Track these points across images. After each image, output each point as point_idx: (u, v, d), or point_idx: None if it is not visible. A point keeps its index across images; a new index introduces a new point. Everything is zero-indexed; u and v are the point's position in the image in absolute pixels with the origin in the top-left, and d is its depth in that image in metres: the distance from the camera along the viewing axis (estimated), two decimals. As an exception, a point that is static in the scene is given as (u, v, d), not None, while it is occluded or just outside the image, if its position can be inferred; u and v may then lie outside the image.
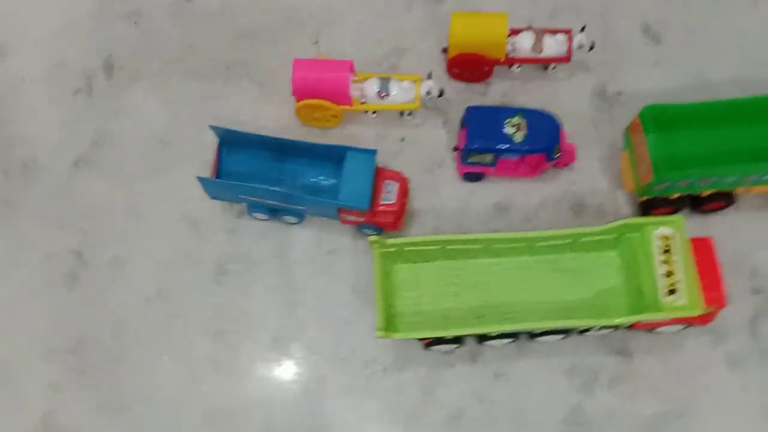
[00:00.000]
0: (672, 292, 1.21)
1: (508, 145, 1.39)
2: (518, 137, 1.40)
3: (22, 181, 1.54)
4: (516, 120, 1.41)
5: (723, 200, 1.44)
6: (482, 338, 1.35)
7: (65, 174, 1.54)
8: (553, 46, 1.52)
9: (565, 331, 1.35)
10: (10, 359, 1.42)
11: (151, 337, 1.42)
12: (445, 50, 1.56)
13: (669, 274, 1.22)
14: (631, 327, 1.36)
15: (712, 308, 1.28)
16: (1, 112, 1.61)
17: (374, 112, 1.53)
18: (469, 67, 1.55)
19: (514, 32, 1.53)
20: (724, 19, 1.66)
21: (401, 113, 1.55)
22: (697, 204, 1.45)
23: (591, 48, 1.52)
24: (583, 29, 1.52)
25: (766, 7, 1.67)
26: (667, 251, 1.24)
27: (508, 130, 1.40)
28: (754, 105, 1.39)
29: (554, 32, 1.54)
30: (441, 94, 1.48)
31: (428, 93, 1.46)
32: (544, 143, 1.40)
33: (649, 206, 1.43)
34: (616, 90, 1.60)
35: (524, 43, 1.52)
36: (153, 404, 1.37)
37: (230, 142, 1.41)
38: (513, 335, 1.35)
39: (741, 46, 1.63)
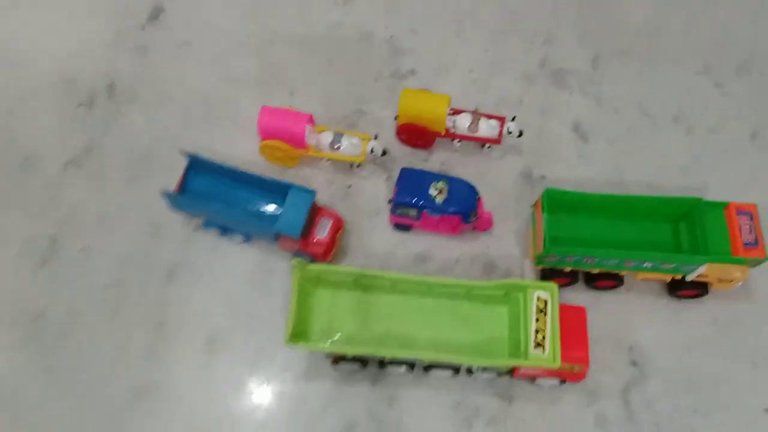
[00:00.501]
0: (538, 345, 1.41)
1: (429, 204, 1.61)
2: (439, 199, 1.62)
3: (19, 173, 1.76)
4: (440, 185, 1.63)
5: (612, 280, 1.63)
6: (382, 364, 1.54)
7: (56, 172, 1.76)
8: (486, 128, 1.75)
9: (455, 369, 1.53)
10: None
11: (100, 319, 1.59)
12: (396, 118, 1.80)
13: (539, 330, 1.42)
14: (513, 375, 1.54)
15: (577, 367, 1.47)
16: (11, 114, 1.82)
17: (328, 160, 1.77)
18: (415, 135, 1.78)
19: (456, 112, 1.77)
20: (647, 133, 1.88)
21: (351, 165, 1.78)
22: (591, 280, 1.65)
23: (519, 135, 1.74)
24: (513, 119, 1.75)
25: (684, 127, 1.91)
26: (541, 311, 1.44)
27: (432, 191, 1.62)
28: (640, 203, 1.60)
29: (489, 117, 1.77)
30: (384, 153, 1.71)
31: (372, 151, 1.69)
32: (460, 207, 1.61)
33: (548, 275, 1.64)
34: (540, 174, 1.81)
35: (463, 123, 1.76)
36: (90, 375, 1.53)
37: (197, 165, 1.64)
38: (410, 366, 1.53)
39: (658, 157, 1.83)
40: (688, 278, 1.58)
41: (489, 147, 1.80)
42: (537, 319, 1.42)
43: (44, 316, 1.59)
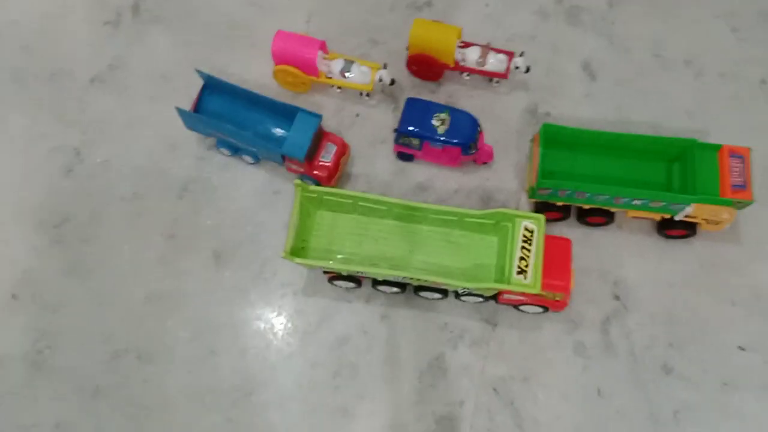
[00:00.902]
0: (521, 271, 1.48)
1: (431, 134, 1.66)
2: (441, 129, 1.66)
3: (48, 83, 1.86)
4: (443, 115, 1.67)
5: (603, 216, 1.68)
6: (376, 284, 1.63)
7: (83, 86, 1.85)
8: (495, 63, 1.78)
9: (444, 292, 1.62)
10: (8, 222, 1.72)
11: (119, 227, 1.70)
12: (407, 49, 1.83)
13: (523, 258, 1.49)
14: (498, 301, 1.62)
15: (559, 295, 1.54)
16: (46, 32, 1.91)
17: (339, 88, 1.82)
18: (424, 66, 1.82)
19: (466, 45, 1.80)
20: (656, 75, 1.89)
21: (361, 93, 1.83)
22: (582, 215, 1.70)
23: (527, 70, 1.77)
24: (521, 54, 1.77)
25: (694, 71, 1.90)
26: (527, 240, 1.50)
27: (435, 122, 1.67)
28: (635, 141, 1.63)
29: (498, 51, 1.80)
30: (392, 83, 1.75)
31: (380, 80, 1.74)
32: (461, 138, 1.66)
33: (542, 208, 1.69)
34: (545, 111, 1.84)
35: (472, 56, 1.78)
36: (109, 278, 1.65)
37: (212, 86, 1.70)
38: (401, 286, 1.62)
39: (664, 99, 1.85)
40: (677, 218, 1.62)
41: (497, 81, 1.83)
42: (522, 248, 1.47)
43: (68, 221, 1.70)
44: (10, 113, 1.82)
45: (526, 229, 1.49)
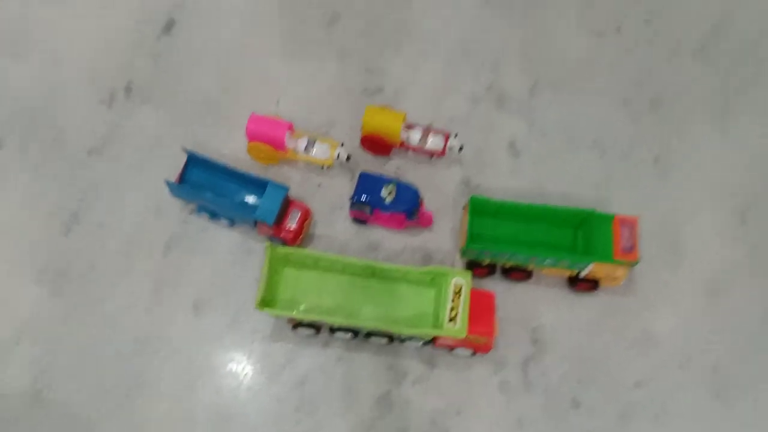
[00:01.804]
0: (452, 320, 1.74)
1: (380, 203, 1.93)
2: (388, 199, 1.93)
3: (51, 154, 2.04)
4: (390, 187, 1.94)
5: (523, 272, 1.95)
6: (332, 331, 1.86)
7: (81, 156, 2.05)
8: (433, 142, 2.06)
9: (390, 338, 1.86)
10: (13, 274, 1.91)
11: (110, 280, 1.90)
12: (361, 129, 2.10)
13: (453, 308, 1.75)
14: (435, 345, 1.87)
15: (483, 339, 1.80)
16: (50, 107, 2.11)
17: (303, 161, 2.08)
18: (375, 145, 2.08)
19: (410, 126, 2.08)
20: (569, 153, 2.17)
21: (322, 166, 2.10)
22: (506, 272, 1.98)
23: (460, 149, 2.04)
24: (456, 135, 2.06)
25: (600, 150, 2.22)
26: (457, 293, 1.76)
27: (383, 193, 1.93)
28: (546, 211, 1.91)
29: (437, 132, 2.08)
30: (348, 158, 2.01)
31: (338, 156, 2.00)
32: (405, 206, 1.92)
33: (472, 266, 1.96)
34: (477, 183, 2.10)
35: (414, 137, 2.06)
36: (102, 324, 1.85)
37: (195, 161, 1.95)
38: (354, 332, 1.86)
39: (575, 174, 2.12)
40: (582, 275, 1.90)
41: (436, 158, 2.10)
42: (453, 299, 1.74)
43: (66, 274, 1.91)
44: (16, 178, 2.01)
45: (456, 284, 1.75)
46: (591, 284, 1.92)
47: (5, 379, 1.78)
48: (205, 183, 1.93)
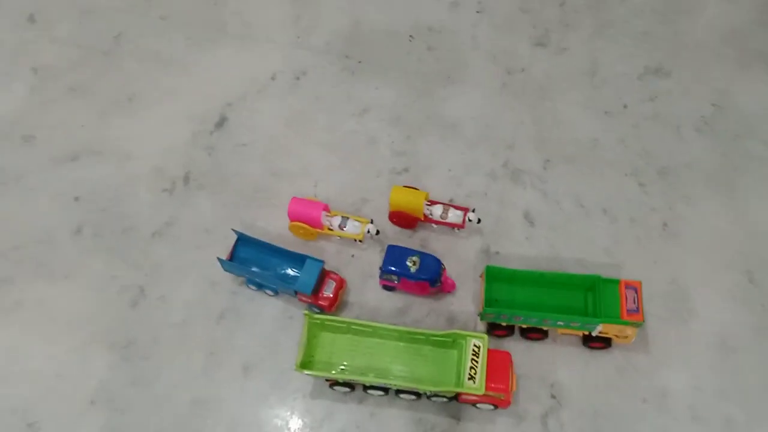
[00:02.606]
0: (471, 377, 1.90)
1: (405, 272, 2.14)
2: (413, 269, 2.12)
3: (120, 235, 2.35)
4: (414, 258, 2.14)
5: (539, 332, 2.11)
6: (365, 389, 2.05)
7: (146, 239, 2.33)
8: (454, 216, 2.27)
9: (417, 394, 2.03)
10: (88, 343, 2.17)
11: (171, 347, 2.11)
12: (389, 207, 2.33)
13: (473, 367, 1.92)
14: (459, 400, 2.03)
15: (501, 395, 1.95)
16: (119, 197, 2.40)
17: (338, 236, 2.32)
18: (402, 220, 2.31)
19: (432, 203, 2.30)
20: (581, 221, 2.36)
21: (355, 240, 2.33)
22: (524, 332, 2.14)
23: (478, 221, 2.24)
24: (473, 210, 2.27)
25: (610, 217, 2.39)
26: (475, 354, 1.94)
27: (409, 263, 2.13)
28: (557, 278, 2.09)
29: (457, 208, 2.29)
30: (377, 233, 2.24)
31: (368, 231, 2.24)
32: (428, 275, 2.11)
33: (491, 328, 2.13)
34: (496, 250, 2.30)
35: (436, 212, 2.28)
36: (164, 386, 2.05)
37: (243, 240, 2.21)
38: (385, 390, 2.04)
39: (588, 240, 2.27)
40: (594, 334, 2.05)
41: (458, 230, 2.31)
42: (472, 359, 1.91)
43: (134, 343, 2.16)
44: (91, 260, 2.29)
45: (475, 345, 1.93)
46: (604, 342, 2.06)
47: (81, 436, 2.01)
48: (252, 259, 2.18)
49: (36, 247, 2.30)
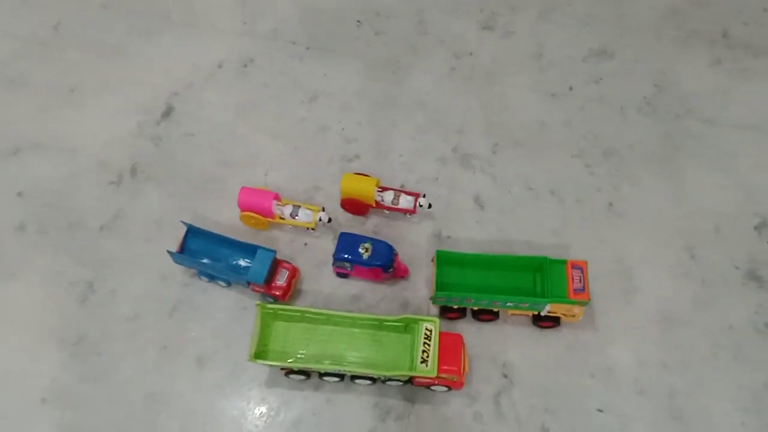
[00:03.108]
0: (423, 361, 1.93)
1: (358, 259, 2.15)
2: (366, 255, 2.14)
3: (67, 233, 2.31)
4: (366, 245, 2.15)
5: (490, 314, 2.15)
6: (321, 376, 2.07)
7: (93, 233, 2.30)
8: (405, 202, 2.30)
9: (372, 379, 2.06)
10: (36, 341, 2.13)
11: (123, 342, 2.09)
12: (340, 194, 2.34)
13: (425, 351, 1.95)
14: (413, 383, 2.06)
15: (453, 376, 1.99)
16: (63, 186, 2.36)
17: (290, 225, 2.32)
18: (353, 206, 2.32)
19: (383, 189, 2.32)
20: (530, 203, 2.40)
21: (306, 229, 2.33)
22: (475, 314, 2.18)
23: (429, 207, 2.26)
24: (424, 195, 2.29)
25: (558, 199, 2.44)
26: (427, 337, 1.97)
27: (361, 250, 2.15)
28: (505, 260, 2.13)
29: (408, 193, 2.32)
30: (329, 221, 2.24)
31: (320, 219, 2.24)
32: (381, 261, 2.12)
33: (443, 311, 2.17)
34: (447, 234, 2.33)
35: (387, 198, 2.30)
36: (116, 382, 2.03)
37: (193, 232, 2.19)
38: (340, 376, 2.06)
39: (536, 222, 2.31)
40: (543, 313, 2.10)
41: (409, 215, 2.34)
42: (424, 343, 1.94)
43: (85, 339, 2.13)
44: (37, 256, 2.25)
45: (426, 329, 1.96)
46: (552, 321, 2.11)
47: (33, 435, 1.98)
48: (203, 250, 2.16)
49: (-22, 245, 2.24)
